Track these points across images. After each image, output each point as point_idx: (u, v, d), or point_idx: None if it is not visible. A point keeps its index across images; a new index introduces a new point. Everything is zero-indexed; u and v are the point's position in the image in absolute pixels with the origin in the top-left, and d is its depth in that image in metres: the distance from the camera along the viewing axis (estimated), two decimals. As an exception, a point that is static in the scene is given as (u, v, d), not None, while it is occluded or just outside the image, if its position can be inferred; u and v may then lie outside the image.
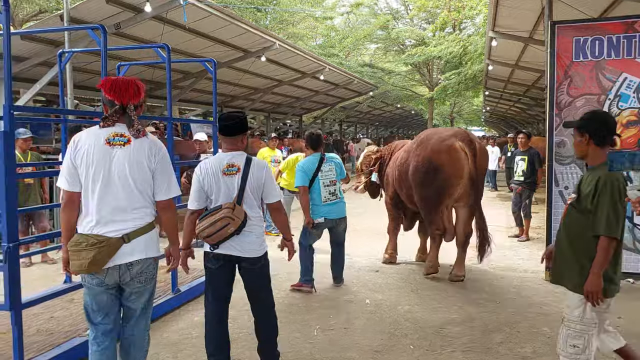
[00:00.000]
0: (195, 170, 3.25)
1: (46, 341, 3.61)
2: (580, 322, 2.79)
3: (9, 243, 3.03)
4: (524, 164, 7.90)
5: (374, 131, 41.83)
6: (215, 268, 3.28)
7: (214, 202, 3.21)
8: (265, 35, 10.89)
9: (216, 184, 3.19)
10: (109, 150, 2.61)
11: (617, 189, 2.69)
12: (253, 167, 3.26)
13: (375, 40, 25.53)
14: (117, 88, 2.63)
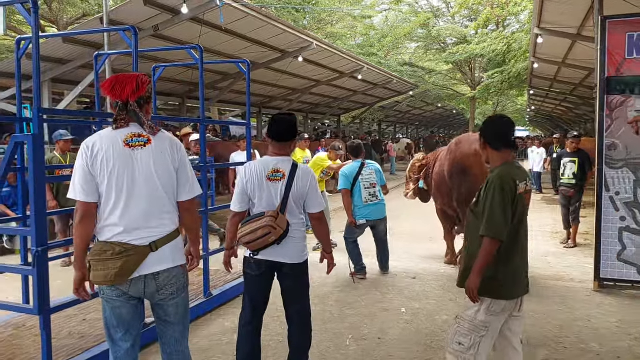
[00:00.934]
0: (240, 171, 3.19)
1: (76, 345, 3.59)
2: (470, 322, 2.79)
3: (37, 247, 3.01)
4: (575, 166, 7.52)
5: (414, 131, 41.23)
6: (254, 275, 3.18)
7: (256, 206, 3.12)
8: (302, 36, 10.81)
9: (259, 188, 3.09)
10: (130, 153, 2.42)
11: (500, 190, 2.68)
12: (298, 174, 3.15)
13: (416, 39, 25.05)
14: (115, 85, 2.43)
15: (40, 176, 3.05)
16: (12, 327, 3.93)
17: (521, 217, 2.79)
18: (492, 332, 2.80)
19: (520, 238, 2.82)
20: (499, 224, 2.66)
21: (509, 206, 2.69)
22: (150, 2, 7.50)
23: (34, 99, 3.11)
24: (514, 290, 2.82)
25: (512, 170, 2.78)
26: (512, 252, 2.79)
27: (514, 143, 2.88)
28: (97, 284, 2.44)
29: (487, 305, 2.76)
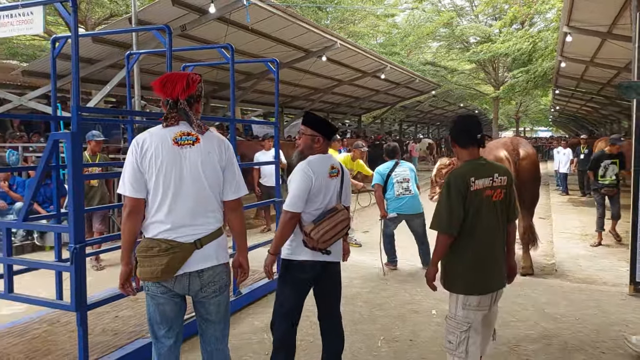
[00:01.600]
0: (303, 170, 3.01)
1: (110, 342, 3.62)
2: (453, 319, 2.88)
3: (75, 244, 3.04)
4: (616, 167, 7.53)
5: (435, 131, 40.91)
6: (305, 279, 3.08)
7: (317, 204, 3.04)
8: (326, 35, 10.79)
9: (324, 186, 3.05)
10: (179, 151, 2.42)
11: (447, 188, 2.80)
12: (345, 171, 3.25)
13: (438, 38, 24.83)
14: (166, 83, 2.45)
15: (78, 174, 3.07)
16: (46, 323, 3.99)
17: (476, 212, 2.80)
18: (476, 326, 2.83)
19: (477, 233, 2.81)
20: (444, 220, 2.78)
21: (457, 203, 2.76)
22: (178, 2, 7.55)
23: (72, 98, 3.13)
24: (482, 285, 2.85)
25: (470, 168, 2.84)
26: (467, 246, 2.82)
27: (480, 141, 2.90)
28: (143, 280, 2.46)
29: (462, 300, 2.84)
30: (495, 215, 2.86)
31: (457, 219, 2.76)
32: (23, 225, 3.32)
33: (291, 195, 2.98)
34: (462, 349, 2.80)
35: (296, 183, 2.99)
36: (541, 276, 5.88)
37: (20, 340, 3.64)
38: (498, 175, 2.86)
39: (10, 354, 3.42)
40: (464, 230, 2.79)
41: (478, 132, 2.90)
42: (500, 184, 2.86)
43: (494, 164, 3.00)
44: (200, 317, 2.62)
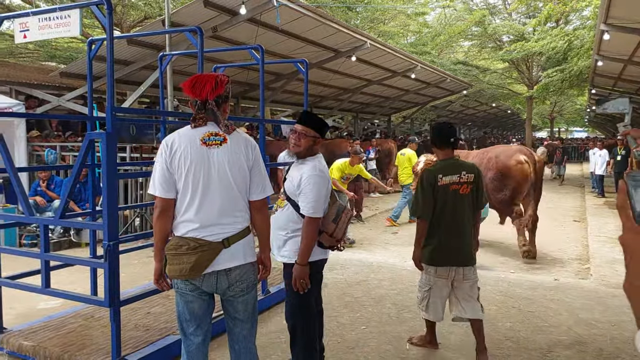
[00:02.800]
0: (319, 174, 3.01)
1: (142, 337, 3.69)
2: (420, 280, 3.75)
3: (109, 241, 3.11)
4: None
5: (466, 131, 40.29)
6: (320, 276, 3.19)
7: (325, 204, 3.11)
8: (356, 35, 10.76)
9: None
10: (207, 151, 2.46)
11: (420, 182, 3.54)
12: None
13: (470, 37, 24.44)
14: (195, 84, 2.48)
15: (112, 173, 3.15)
16: (81, 317, 4.09)
17: (444, 203, 3.48)
18: (436, 289, 3.61)
19: (445, 218, 3.51)
20: (419, 207, 3.52)
21: (427, 194, 3.48)
22: (209, 3, 7.65)
23: (107, 99, 3.21)
24: (439, 258, 3.56)
25: (441, 167, 3.55)
26: (435, 229, 3.53)
27: (454, 144, 3.57)
28: (172, 278, 2.51)
29: (424, 266, 3.64)
30: (462, 205, 3.51)
31: (429, 207, 3.48)
32: (60, 222, 3.42)
33: (313, 202, 2.95)
34: (424, 303, 3.65)
35: (317, 188, 2.96)
36: (575, 280, 5.72)
37: (56, 334, 3.74)
38: (465, 173, 3.50)
39: (47, 347, 3.53)
40: (433, 217, 3.51)
41: (452, 136, 3.57)
42: (467, 180, 3.50)
43: (464, 163, 3.61)
44: (228, 316, 2.65)
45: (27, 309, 4.74)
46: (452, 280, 3.58)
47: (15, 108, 7.94)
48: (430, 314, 3.65)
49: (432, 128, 3.73)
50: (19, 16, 3.63)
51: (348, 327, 4.30)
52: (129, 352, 3.42)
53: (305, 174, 3.01)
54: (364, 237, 8.23)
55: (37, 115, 9.14)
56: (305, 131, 3.08)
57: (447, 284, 3.60)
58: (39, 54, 13.18)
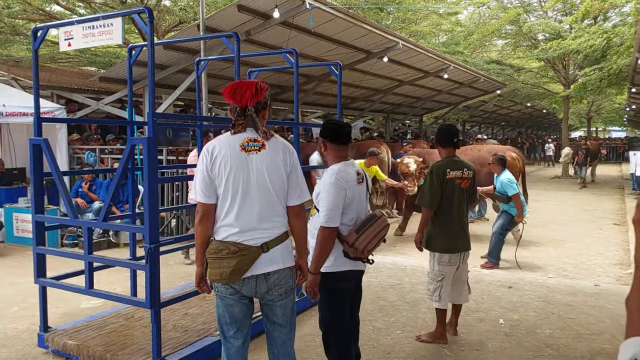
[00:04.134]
0: (333, 182, 2.93)
1: (181, 338, 3.76)
2: (431, 273, 4.04)
3: (150, 244, 3.18)
4: None
5: (500, 131, 39.54)
6: (350, 287, 3.07)
7: (350, 214, 2.98)
8: (388, 36, 10.67)
9: (354, 194, 3.00)
10: (246, 157, 2.48)
11: (430, 175, 3.94)
12: (366, 174, 3.22)
13: (504, 36, 23.92)
14: (235, 91, 2.49)
15: (153, 177, 3.21)
16: (122, 317, 4.19)
17: (451, 195, 3.90)
18: (448, 278, 3.97)
19: (453, 210, 3.93)
20: (427, 198, 3.92)
21: (435, 186, 3.87)
22: (243, 8, 7.72)
23: (148, 105, 3.28)
24: (452, 246, 3.95)
25: (448, 163, 3.95)
26: (443, 219, 3.93)
27: (456, 144, 4.04)
28: (212, 281, 2.54)
29: (437, 258, 3.97)
30: (463, 197, 3.98)
31: (436, 198, 3.88)
32: (103, 224, 3.51)
33: (327, 210, 2.88)
34: (437, 294, 3.95)
35: (330, 196, 2.89)
36: (617, 286, 5.54)
37: (99, 334, 3.84)
38: (466, 170, 3.97)
39: (90, 346, 3.63)
40: (441, 207, 3.91)
41: (455, 137, 4.03)
42: (467, 176, 3.96)
43: (465, 161, 4.06)
44: (267, 319, 2.67)
45: (70, 308, 4.89)
46: (457, 266, 4.02)
47: (57, 112, 8.20)
48: (443, 302, 3.96)
49: (438, 129, 4.15)
50: (64, 25, 3.74)
51: (383, 332, 4.28)
52: (168, 352, 3.48)
53: (323, 181, 2.99)
54: (397, 240, 8.17)
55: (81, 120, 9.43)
56: (321, 138, 3.09)
57: (454, 270, 4.01)
58: (79, 59, 13.58)
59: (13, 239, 7.74)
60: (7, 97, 8.04)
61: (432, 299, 3.99)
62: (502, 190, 6.29)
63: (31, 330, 4.29)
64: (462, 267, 4.09)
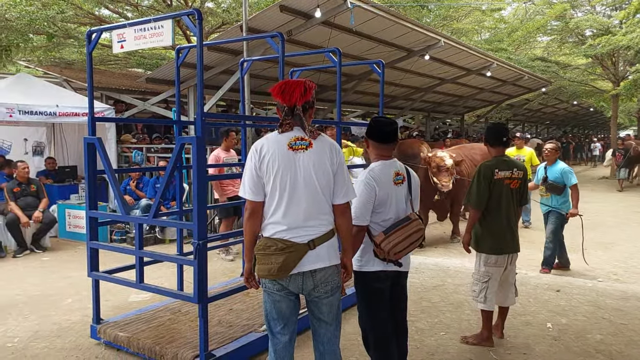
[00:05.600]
0: (364, 180, 2.96)
1: (226, 333, 3.83)
2: (476, 274, 3.97)
3: (199, 240, 3.25)
4: None
5: (544, 130, 38.42)
6: (385, 287, 3.03)
7: (384, 214, 2.97)
8: (430, 33, 10.55)
9: (389, 194, 2.96)
10: (293, 156, 2.52)
11: (478, 175, 3.84)
12: (412, 175, 3.15)
13: (549, 32, 23.20)
14: (285, 90, 2.53)
15: (202, 175, 3.29)
16: (169, 311, 4.31)
17: (499, 195, 3.82)
18: (494, 279, 3.90)
19: (501, 210, 3.85)
20: (473, 198, 3.86)
21: (483, 186, 3.80)
22: (286, 8, 7.78)
23: (197, 105, 3.36)
24: (500, 247, 3.87)
25: (496, 163, 3.85)
26: (491, 219, 3.86)
27: (506, 143, 3.95)
28: (260, 277, 2.59)
29: (483, 259, 3.91)
30: (512, 198, 3.87)
31: (484, 198, 3.81)
32: (153, 221, 3.62)
33: (356, 208, 2.89)
34: (482, 295, 3.89)
35: (359, 194, 2.89)
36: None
37: (148, 327, 3.97)
38: (516, 170, 3.87)
39: (140, 338, 3.75)
40: (489, 208, 3.84)
41: (504, 136, 3.94)
42: (517, 176, 3.86)
43: (515, 161, 4.00)
44: (313, 317, 2.69)
45: (119, 301, 5.06)
46: (505, 267, 3.93)
47: (107, 112, 8.50)
48: (489, 304, 3.90)
49: (488, 128, 4.09)
50: (117, 28, 3.88)
51: (427, 333, 4.24)
52: (214, 347, 3.56)
53: (358, 179, 3.00)
54: (439, 240, 8.06)
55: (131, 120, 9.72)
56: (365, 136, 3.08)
57: (502, 271, 3.93)
58: (126, 61, 14.02)
59: (65, 234, 8.08)
60: (60, 98, 8.40)
61: (477, 300, 3.93)
62: (561, 179, 5.92)
63: (84, 322, 4.47)
64: (509, 269, 3.99)
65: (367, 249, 2.97)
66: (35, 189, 7.47)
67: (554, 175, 5.99)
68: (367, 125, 3.10)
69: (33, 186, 7.47)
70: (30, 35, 11.09)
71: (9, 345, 4.05)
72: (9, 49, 10.82)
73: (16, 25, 10.01)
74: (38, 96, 8.07)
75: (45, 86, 9.00)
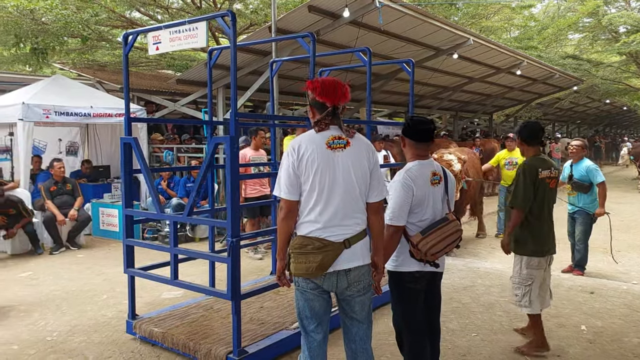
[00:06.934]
0: (401, 180, 2.92)
1: (257, 331, 3.87)
2: (518, 277, 3.83)
3: (232, 238, 3.30)
4: None
5: (575, 130, 37.55)
6: (420, 288, 3.01)
7: (421, 214, 2.94)
8: (458, 32, 10.44)
9: (427, 195, 2.93)
10: (332, 155, 2.52)
11: (523, 175, 3.70)
12: (448, 175, 3.11)
13: (581, 29, 22.69)
14: (327, 90, 2.53)
15: (235, 174, 3.34)
16: (202, 308, 4.38)
17: (543, 195, 3.72)
18: (537, 282, 3.77)
19: (544, 210, 3.75)
20: (519, 198, 3.69)
21: (528, 186, 3.67)
22: (314, 8, 7.82)
23: (231, 105, 3.41)
24: (542, 249, 3.77)
25: (537, 161, 3.75)
26: (535, 220, 3.74)
27: (542, 141, 3.88)
28: (297, 276, 2.58)
29: (526, 261, 3.78)
30: (551, 198, 3.81)
31: (529, 199, 3.69)
32: (187, 219, 3.69)
33: (391, 208, 2.88)
34: (526, 299, 3.77)
35: (396, 194, 2.88)
36: None
37: (182, 323, 4.04)
38: (554, 169, 3.79)
39: (174, 334, 3.82)
40: (532, 209, 3.72)
41: (542, 134, 3.90)
42: (555, 175, 3.80)
43: (550, 160, 3.88)
44: (345, 315, 2.69)
45: (152, 297, 5.17)
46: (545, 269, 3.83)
47: (139, 113, 8.69)
48: (534, 307, 3.77)
49: (524, 126, 3.94)
50: (152, 30, 3.96)
51: (458, 334, 4.21)
52: (247, 343, 3.60)
53: (394, 179, 2.98)
54: (468, 241, 7.98)
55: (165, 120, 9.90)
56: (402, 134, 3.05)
57: (543, 273, 3.82)
58: (157, 63, 14.28)
59: (99, 231, 8.29)
60: (93, 99, 8.62)
61: (521, 304, 3.80)
62: (587, 178, 5.76)
63: (119, 317, 4.59)
64: (547, 271, 3.89)
65: (403, 249, 2.95)
66: (71, 188, 7.67)
67: (579, 173, 5.82)
68: (396, 125, 3.10)
69: (69, 185, 7.68)
70: (65, 38, 11.41)
71: (48, 339, 4.18)
72: (45, 51, 11.15)
73: (52, 28, 10.31)
74: (73, 97, 8.30)
75: (80, 88, 9.24)
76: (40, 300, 5.14)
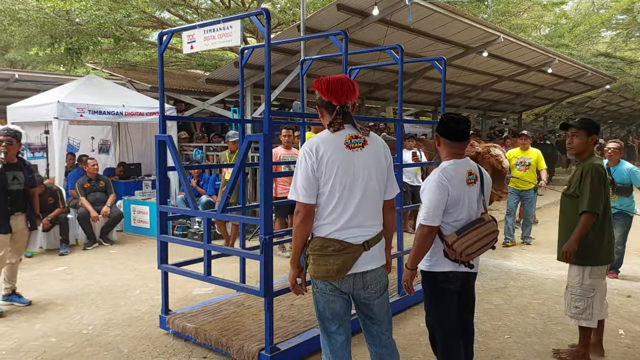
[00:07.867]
0: (436, 180, 2.85)
1: (288, 328, 3.89)
2: (580, 287, 3.52)
3: (265, 235, 3.32)
4: None
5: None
6: (454, 288, 2.96)
7: (456, 214, 2.88)
8: (488, 29, 10.29)
9: (462, 195, 2.87)
10: (351, 155, 2.47)
11: (597, 176, 3.42)
12: (484, 174, 3.04)
13: (614, 27, 22.14)
14: (333, 88, 2.46)
15: (268, 171, 3.36)
16: (233, 305, 4.42)
17: (607, 198, 3.51)
18: (600, 292, 3.53)
19: (607, 214, 3.52)
20: (594, 201, 3.40)
21: (602, 188, 3.43)
22: (343, 7, 7.81)
23: (265, 104, 3.43)
24: (608, 256, 3.55)
25: (600, 162, 3.54)
26: (602, 225, 3.48)
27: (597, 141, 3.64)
28: (317, 278, 2.54)
29: (589, 271, 3.48)
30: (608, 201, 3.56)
31: (602, 201, 3.45)
32: (221, 216, 3.72)
33: (426, 208, 2.81)
34: (589, 311, 3.48)
35: (431, 194, 2.81)
36: None
37: (214, 319, 4.09)
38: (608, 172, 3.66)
39: (207, 330, 3.87)
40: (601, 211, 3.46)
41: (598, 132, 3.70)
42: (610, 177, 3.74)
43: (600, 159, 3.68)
44: (364, 316, 2.67)
45: (184, 293, 5.24)
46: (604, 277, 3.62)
47: (169, 112, 8.80)
48: (595, 319, 3.52)
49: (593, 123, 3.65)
50: (187, 29, 4.02)
51: (491, 335, 4.15)
52: (279, 341, 3.62)
53: (429, 178, 2.92)
54: (499, 241, 7.85)
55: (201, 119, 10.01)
56: (436, 133, 2.99)
57: (603, 282, 3.60)
58: (187, 62, 14.50)
59: (130, 228, 8.44)
60: (126, 98, 8.79)
61: (582, 317, 3.51)
62: (628, 181, 5.59)
63: (152, 312, 4.66)
64: (606, 278, 3.70)
65: (437, 249, 2.91)
66: (104, 185, 7.84)
67: (620, 177, 5.63)
68: (428, 123, 3.07)
69: (102, 182, 7.84)
70: (98, 38, 11.66)
71: (84, 332, 4.28)
72: (79, 51, 11.42)
73: (86, 29, 10.56)
74: (106, 97, 8.48)
75: (113, 87, 9.44)
76: (76, 295, 5.27)
